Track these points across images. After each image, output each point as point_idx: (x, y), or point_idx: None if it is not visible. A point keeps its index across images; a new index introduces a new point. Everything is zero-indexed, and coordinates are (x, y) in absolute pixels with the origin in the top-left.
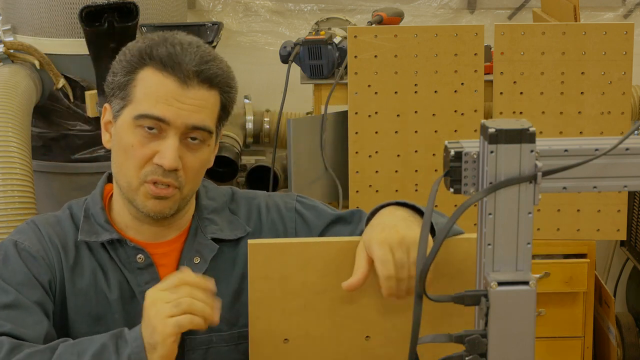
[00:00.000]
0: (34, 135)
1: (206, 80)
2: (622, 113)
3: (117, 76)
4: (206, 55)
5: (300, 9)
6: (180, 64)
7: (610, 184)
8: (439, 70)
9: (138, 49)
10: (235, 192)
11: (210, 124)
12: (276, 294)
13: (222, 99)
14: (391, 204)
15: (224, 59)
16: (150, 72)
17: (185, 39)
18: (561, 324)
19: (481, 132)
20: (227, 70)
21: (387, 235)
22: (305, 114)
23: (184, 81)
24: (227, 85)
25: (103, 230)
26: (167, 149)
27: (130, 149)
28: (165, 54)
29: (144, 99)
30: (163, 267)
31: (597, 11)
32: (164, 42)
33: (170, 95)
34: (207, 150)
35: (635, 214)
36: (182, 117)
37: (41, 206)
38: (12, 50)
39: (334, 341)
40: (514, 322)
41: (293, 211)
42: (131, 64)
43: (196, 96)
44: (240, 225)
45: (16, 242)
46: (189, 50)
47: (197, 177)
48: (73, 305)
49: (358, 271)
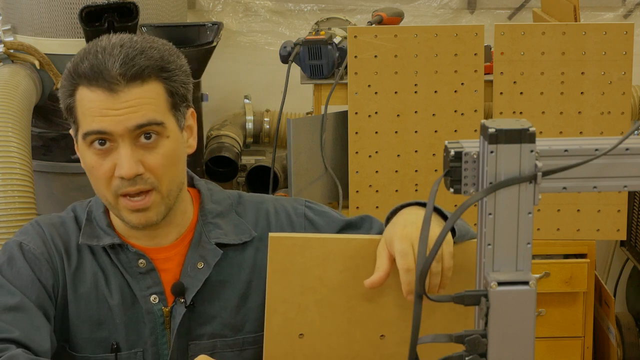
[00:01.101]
0: (34, 135)
1: (135, 77)
2: (622, 113)
3: (61, 102)
4: (131, 52)
5: (300, 9)
6: (103, 72)
7: (610, 184)
8: (439, 70)
9: (68, 70)
10: (242, 196)
11: (157, 115)
12: (294, 288)
13: (165, 85)
14: (412, 204)
15: (158, 44)
16: (82, 90)
17: (112, 41)
18: (561, 324)
19: (481, 132)
20: (160, 56)
21: (408, 232)
22: (305, 114)
23: (111, 89)
24: (163, 70)
25: (105, 235)
26: (120, 158)
27: (92, 170)
28: (88, 68)
29: (83, 118)
30: (165, 272)
31: (597, 11)
32: (86, 55)
33: (103, 106)
34: (168, 142)
35: (635, 214)
36: (121, 123)
37: (41, 206)
38: (12, 50)
39: (348, 338)
40: (514, 322)
41: (303, 217)
42: (66, 87)
43: (129, 97)
44: (246, 229)
45: (21, 244)
46: (112, 53)
47: (170, 171)
48: (74, 309)
49: (380, 269)
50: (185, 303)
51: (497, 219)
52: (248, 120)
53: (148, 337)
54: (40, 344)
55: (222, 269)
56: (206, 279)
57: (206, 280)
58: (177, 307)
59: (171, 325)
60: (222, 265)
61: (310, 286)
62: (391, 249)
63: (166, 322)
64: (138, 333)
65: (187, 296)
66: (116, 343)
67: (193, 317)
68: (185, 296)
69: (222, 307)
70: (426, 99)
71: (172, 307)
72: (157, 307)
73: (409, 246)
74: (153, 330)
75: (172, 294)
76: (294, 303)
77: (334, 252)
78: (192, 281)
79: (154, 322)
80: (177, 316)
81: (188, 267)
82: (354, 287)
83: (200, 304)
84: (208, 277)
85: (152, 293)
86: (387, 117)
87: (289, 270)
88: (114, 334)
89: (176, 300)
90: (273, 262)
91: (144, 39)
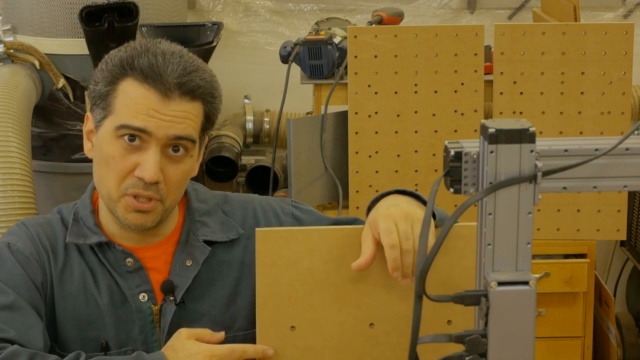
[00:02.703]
0: (34, 135)
1: (188, 92)
2: (622, 113)
3: (98, 85)
4: (189, 66)
5: (300, 9)
6: (162, 76)
7: (610, 184)
8: (439, 70)
9: (119, 59)
10: (229, 195)
11: (193, 133)
12: (283, 280)
13: (206, 109)
14: (391, 193)
15: (208, 67)
16: (131, 83)
17: (169, 48)
18: (561, 324)
19: (481, 132)
20: (211, 80)
21: (391, 212)
22: (305, 114)
23: (165, 94)
24: (211, 96)
25: (92, 234)
26: (148, 162)
27: (111, 160)
28: (147, 65)
29: (125, 110)
30: (153, 270)
31: (597, 11)
32: (145, 52)
33: (152, 107)
34: (189, 161)
35: (635, 214)
36: (163, 128)
37: (41, 206)
38: (12, 50)
39: (339, 328)
40: (514, 322)
41: (290, 216)
42: (112, 73)
43: (178, 108)
44: (233, 227)
45: (9, 244)
46: (171, 60)
47: (179, 189)
48: (62, 308)
49: (365, 252)
50: (175, 301)
51: (497, 219)
52: (248, 120)
53: (138, 335)
54: (34, 343)
55: (210, 267)
56: (195, 276)
57: (195, 278)
58: (167, 305)
59: (161, 323)
60: (210, 263)
61: (298, 278)
62: (375, 229)
63: (155, 320)
64: (128, 332)
65: (176, 294)
66: (105, 342)
67: (183, 315)
68: (175, 294)
69: (212, 305)
70: (426, 99)
71: (162, 305)
72: (146, 305)
73: (393, 224)
74: (143, 328)
75: (162, 292)
76: (283, 296)
77: (320, 243)
78: (181, 279)
79: (144, 320)
80: (168, 314)
81: (176, 265)
82: (341, 276)
83: (190, 302)
84: (197, 275)
85: (141, 291)
86: (387, 117)
87: (277, 264)
88: (103, 333)
89: (166, 298)
90: (261, 256)
91: (193, 57)
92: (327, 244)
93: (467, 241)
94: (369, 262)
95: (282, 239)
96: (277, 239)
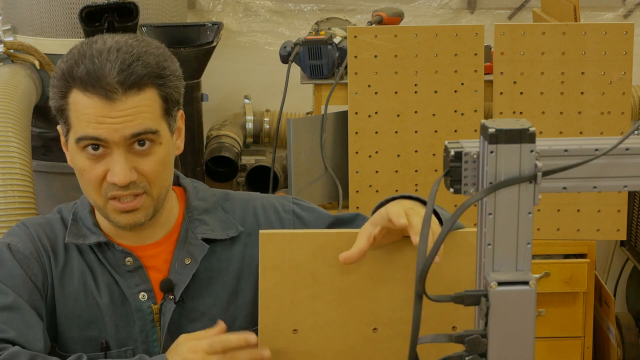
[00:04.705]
0: (34, 135)
1: (133, 86)
2: (622, 113)
3: (52, 101)
4: (128, 58)
5: (300, 9)
6: (101, 79)
7: (610, 184)
8: (439, 70)
9: (62, 71)
10: (229, 193)
11: (152, 124)
12: (286, 284)
13: (160, 92)
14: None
15: (153, 47)
16: (76, 94)
17: (107, 43)
18: (561, 324)
19: (481, 132)
20: (156, 61)
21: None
22: (305, 114)
23: (108, 97)
24: (159, 77)
25: (91, 234)
26: (115, 166)
27: (83, 172)
28: (85, 73)
29: (78, 122)
30: (152, 269)
31: (597, 11)
32: (82, 58)
33: (99, 114)
34: (161, 149)
35: (635, 214)
36: (117, 131)
37: (41, 206)
38: (12, 50)
39: (342, 332)
40: (514, 322)
41: (291, 213)
42: (59, 88)
43: (126, 106)
44: (233, 225)
45: (9, 245)
46: (108, 58)
47: (161, 177)
48: (62, 308)
49: (356, 247)
50: (175, 299)
51: (497, 219)
52: (248, 120)
53: (138, 334)
54: (34, 343)
55: (210, 264)
56: (195, 275)
57: (195, 276)
58: (167, 303)
59: (161, 322)
60: (210, 261)
61: (301, 281)
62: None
63: (156, 319)
64: (128, 331)
65: (176, 292)
66: (106, 342)
67: (183, 313)
68: (174, 292)
69: (212, 303)
70: (426, 99)
71: (161, 303)
72: (146, 304)
73: (402, 210)
74: (143, 327)
75: (161, 291)
76: (286, 299)
77: (324, 247)
78: (180, 277)
79: (144, 319)
80: (167, 313)
81: (175, 264)
82: (345, 280)
83: (190, 300)
84: (197, 273)
85: (140, 290)
86: (387, 117)
87: (280, 267)
88: (104, 332)
89: (165, 297)
90: (264, 259)
91: (139, 42)
92: (331, 247)
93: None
94: (357, 256)
95: (286, 242)
96: (281, 242)
